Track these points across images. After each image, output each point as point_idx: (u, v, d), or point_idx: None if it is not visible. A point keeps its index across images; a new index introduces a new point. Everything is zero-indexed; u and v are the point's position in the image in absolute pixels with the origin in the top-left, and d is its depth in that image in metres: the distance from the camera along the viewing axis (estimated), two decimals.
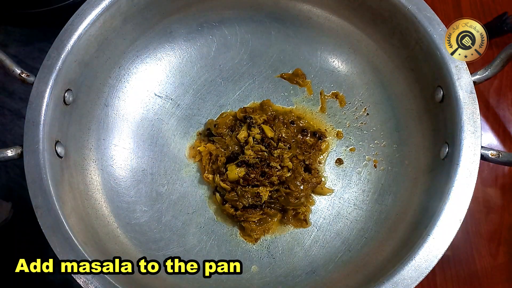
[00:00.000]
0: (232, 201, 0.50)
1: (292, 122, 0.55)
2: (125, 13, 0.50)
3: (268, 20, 0.57)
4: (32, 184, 0.41)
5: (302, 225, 0.51)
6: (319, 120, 0.56)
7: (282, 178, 0.50)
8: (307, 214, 0.51)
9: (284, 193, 0.50)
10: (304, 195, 0.50)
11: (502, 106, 0.61)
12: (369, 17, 0.53)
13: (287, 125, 0.54)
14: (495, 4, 0.65)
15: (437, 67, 0.46)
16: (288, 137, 0.53)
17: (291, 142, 0.53)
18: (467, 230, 0.55)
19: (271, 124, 0.54)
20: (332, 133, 0.55)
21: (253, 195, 0.50)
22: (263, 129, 0.53)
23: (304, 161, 0.52)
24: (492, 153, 0.42)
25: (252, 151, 0.51)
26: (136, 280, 0.44)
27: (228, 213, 0.51)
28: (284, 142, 0.53)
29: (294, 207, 0.51)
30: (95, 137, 0.51)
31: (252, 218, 0.50)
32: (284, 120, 0.55)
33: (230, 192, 0.50)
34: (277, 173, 0.50)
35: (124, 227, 0.49)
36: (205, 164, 0.53)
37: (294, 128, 0.55)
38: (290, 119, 0.55)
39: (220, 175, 0.51)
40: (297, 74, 0.57)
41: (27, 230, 0.48)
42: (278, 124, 0.54)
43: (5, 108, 0.61)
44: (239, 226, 0.51)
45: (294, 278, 0.48)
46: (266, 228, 0.51)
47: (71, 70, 0.46)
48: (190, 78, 0.57)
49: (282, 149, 0.52)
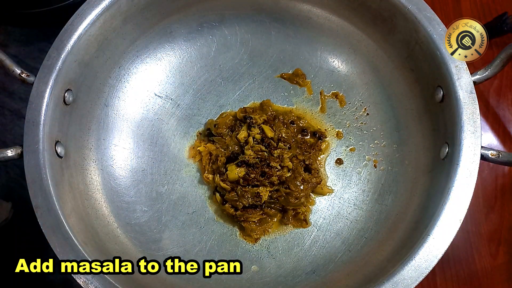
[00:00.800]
0: (232, 201, 0.50)
1: (292, 122, 0.55)
2: (125, 13, 0.50)
3: (268, 20, 0.57)
4: (32, 184, 0.41)
5: (302, 225, 0.51)
6: (319, 120, 0.56)
7: (282, 178, 0.50)
8: (307, 214, 0.51)
9: (284, 193, 0.50)
10: (304, 195, 0.50)
11: (502, 106, 0.61)
12: (369, 17, 0.53)
13: (287, 125, 0.54)
14: (495, 4, 0.65)
15: (437, 67, 0.46)
16: (288, 137, 0.53)
17: (291, 142, 0.53)
18: (467, 230, 0.55)
19: (271, 124, 0.54)
20: (332, 133, 0.55)
21: (253, 195, 0.50)
22: (263, 129, 0.53)
23: (304, 161, 0.52)
24: (492, 153, 0.42)
25: (252, 151, 0.51)
26: (136, 280, 0.44)
27: (228, 213, 0.51)
28: (284, 142, 0.52)
29: (294, 207, 0.51)
30: (95, 137, 0.51)
31: (252, 218, 0.50)
32: (284, 120, 0.55)
33: (230, 192, 0.50)
34: (277, 173, 0.50)
35: (124, 227, 0.49)
36: (205, 164, 0.53)
37: (294, 128, 0.55)
38: (290, 119, 0.55)
39: (220, 175, 0.51)
40: (297, 74, 0.57)
41: (27, 230, 0.48)
42: (278, 124, 0.54)
43: (5, 108, 0.61)
44: (239, 226, 0.51)
45: (294, 278, 0.48)
46: (266, 228, 0.51)
47: (71, 70, 0.46)
48: (190, 78, 0.57)
49: (282, 149, 0.52)
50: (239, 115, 0.55)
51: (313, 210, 0.52)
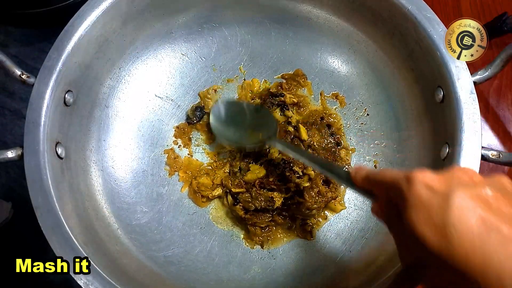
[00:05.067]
0: (245, 202, 0.49)
1: (329, 125, 0.53)
2: (125, 14, 0.50)
3: (268, 21, 0.57)
4: (33, 185, 0.41)
5: (306, 237, 0.50)
6: None
7: (299, 187, 0.49)
8: (316, 228, 0.51)
9: (297, 202, 0.49)
10: (317, 207, 0.49)
11: (502, 106, 0.61)
12: (369, 17, 0.53)
13: (319, 128, 0.53)
14: (495, 4, 0.65)
15: (437, 67, 0.46)
16: (318, 147, 0.52)
17: (320, 152, 0.52)
18: None
19: (308, 128, 0.52)
20: None
21: (267, 199, 0.48)
22: (298, 129, 0.51)
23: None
24: (493, 154, 0.42)
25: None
26: (136, 281, 0.44)
27: (237, 214, 0.50)
28: (314, 150, 0.51)
29: (304, 217, 0.50)
30: (96, 138, 0.51)
31: (260, 223, 0.50)
32: (315, 120, 0.53)
33: (244, 193, 0.50)
34: (296, 180, 0.48)
35: (125, 228, 0.49)
36: (226, 183, 0.52)
37: (327, 132, 0.53)
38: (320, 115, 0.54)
39: (233, 177, 0.51)
40: (297, 74, 0.57)
41: (27, 230, 0.48)
42: (314, 131, 0.52)
43: (5, 108, 0.61)
44: (245, 228, 0.51)
45: (295, 279, 0.48)
46: (270, 236, 0.50)
47: (71, 71, 0.46)
48: (190, 79, 0.57)
49: None
50: (272, 89, 0.54)
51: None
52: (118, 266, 0.44)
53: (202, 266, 0.49)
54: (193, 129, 0.55)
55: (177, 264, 0.49)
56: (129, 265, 0.46)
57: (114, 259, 0.45)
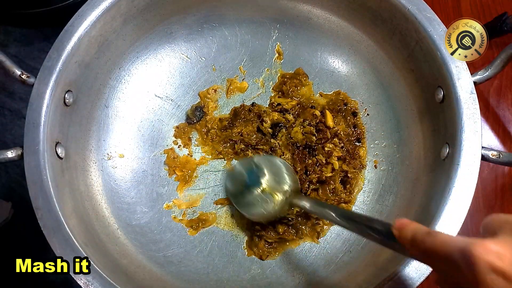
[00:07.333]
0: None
1: (354, 113, 0.51)
2: (125, 14, 0.50)
3: (268, 21, 0.57)
4: (33, 185, 0.41)
5: (313, 239, 0.50)
6: None
7: (322, 177, 0.47)
8: (323, 231, 0.50)
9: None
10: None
11: (502, 106, 0.61)
12: (369, 17, 0.53)
13: (345, 115, 0.50)
14: (495, 4, 0.65)
15: (437, 67, 0.46)
16: (343, 137, 0.50)
17: (345, 142, 0.50)
18: (467, 230, 0.55)
19: (334, 115, 0.51)
20: None
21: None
22: (325, 114, 0.50)
23: (346, 172, 0.50)
24: (493, 154, 0.42)
25: (301, 131, 0.47)
26: (136, 281, 0.44)
27: (248, 221, 0.49)
28: (340, 139, 0.50)
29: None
30: (96, 138, 0.51)
31: (267, 238, 0.49)
32: (340, 107, 0.51)
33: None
34: (318, 170, 0.46)
35: (125, 228, 0.49)
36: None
37: (352, 123, 0.51)
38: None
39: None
40: (298, 73, 0.57)
41: (27, 230, 0.48)
42: (339, 119, 0.50)
43: (5, 108, 0.61)
44: (249, 235, 0.50)
45: (295, 279, 0.48)
46: (272, 252, 0.49)
47: (71, 71, 0.46)
48: (190, 79, 0.57)
49: (336, 145, 0.49)
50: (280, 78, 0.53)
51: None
52: (118, 266, 0.44)
53: (202, 266, 0.49)
54: (193, 129, 0.55)
55: (177, 264, 0.49)
56: (129, 265, 0.46)
57: (114, 259, 0.45)
